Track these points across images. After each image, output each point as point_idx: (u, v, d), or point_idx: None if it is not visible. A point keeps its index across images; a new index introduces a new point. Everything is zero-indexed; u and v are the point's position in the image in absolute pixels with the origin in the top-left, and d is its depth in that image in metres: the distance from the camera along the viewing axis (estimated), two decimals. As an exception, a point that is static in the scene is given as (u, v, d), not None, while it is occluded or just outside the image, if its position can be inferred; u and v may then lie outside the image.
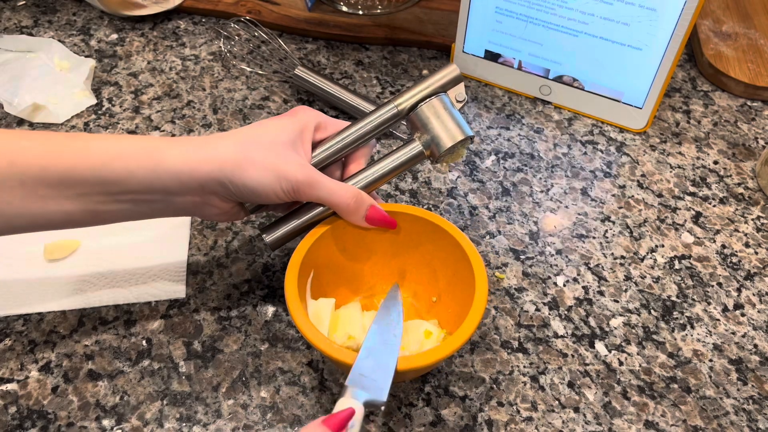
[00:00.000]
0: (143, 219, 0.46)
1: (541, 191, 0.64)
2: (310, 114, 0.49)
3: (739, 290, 0.57)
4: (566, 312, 0.55)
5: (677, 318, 0.55)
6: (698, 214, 0.63)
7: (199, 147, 0.44)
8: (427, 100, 0.49)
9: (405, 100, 0.49)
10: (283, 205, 0.52)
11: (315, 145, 0.50)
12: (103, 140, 0.44)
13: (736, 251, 0.60)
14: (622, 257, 0.59)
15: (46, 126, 0.68)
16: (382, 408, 0.39)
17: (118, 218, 0.45)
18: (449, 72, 0.49)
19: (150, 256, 0.56)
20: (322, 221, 0.50)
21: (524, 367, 0.51)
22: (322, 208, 0.49)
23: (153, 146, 0.43)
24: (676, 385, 0.51)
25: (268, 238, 0.51)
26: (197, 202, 0.46)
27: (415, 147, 0.49)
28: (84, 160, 0.41)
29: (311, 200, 0.47)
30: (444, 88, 0.49)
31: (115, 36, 0.79)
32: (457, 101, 0.50)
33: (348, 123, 0.51)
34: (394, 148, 0.50)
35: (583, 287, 0.57)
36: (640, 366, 0.52)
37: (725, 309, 0.56)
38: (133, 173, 0.42)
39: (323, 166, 0.50)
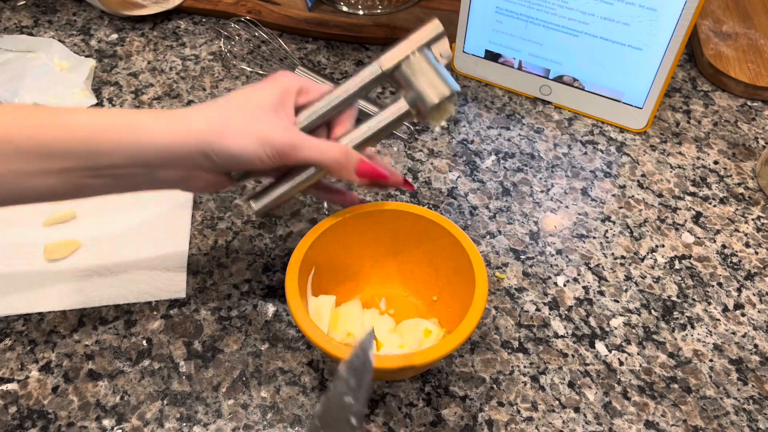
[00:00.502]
0: (127, 192, 0.45)
1: (542, 191, 0.64)
2: (291, 78, 0.48)
3: (739, 290, 0.57)
4: (566, 312, 0.55)
5: (677, 318, 0.55)
6: (698, 214, 0.63)
7: (179, 118, 0.43)
8: (410, 56, 0.47)
9: (388, 60, 0.47)
10: (272, 172, 0.50)
11: (298, 110, 0.48)
12: (87, 114, 0.43)
13: (736, 251, 0.60)
14: (623, 257, 0.59)
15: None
16: None
17: (101, 192, 0.44)
18: (432, 28, 0.47)
19: (150, 256, 0.56)
20: (311, 185, 0.48)
21: (524, 367, 0.51)
22: (311, 170, 0.48)
23: (135, 119, 0.43)
24: (676, 385, 0.51)
25: (256, 205, 0.49)
26: (182, 176, 0.45)
27: (401, 106, 0.48)
28: (70, 133, 0.41)
29: (298, 163, 0.46)
30: (427, 45, 0.48)
31: (115, 36, 0.79)
32: (442, 57, 0.48)
33: (331, 87, 0.49)
34: (382, 109, 0.49)
35: (584, 287, 0.57)
36: (640, 366, 0.52)
37: (725, 309, 0.56)
38: (119, 146, 0.42)
39: (308, 131, 0.48)
